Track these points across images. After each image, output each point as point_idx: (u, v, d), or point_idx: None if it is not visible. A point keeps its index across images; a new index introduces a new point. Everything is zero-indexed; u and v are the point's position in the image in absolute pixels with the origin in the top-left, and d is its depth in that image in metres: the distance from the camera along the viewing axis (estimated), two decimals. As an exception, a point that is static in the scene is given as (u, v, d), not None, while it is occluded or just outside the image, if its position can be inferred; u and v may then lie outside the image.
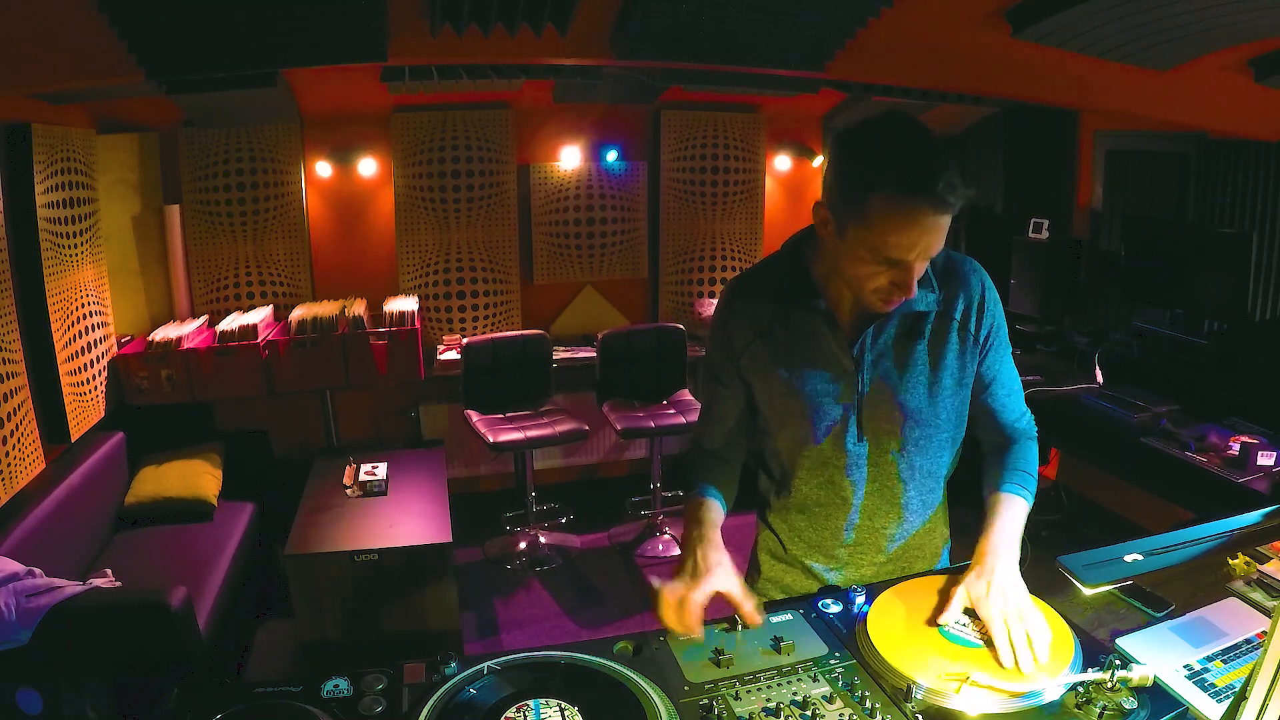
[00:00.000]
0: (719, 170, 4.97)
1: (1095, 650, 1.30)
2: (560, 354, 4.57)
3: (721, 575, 1.41)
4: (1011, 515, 1.44)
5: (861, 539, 1.61)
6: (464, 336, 4.57)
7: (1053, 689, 1.20)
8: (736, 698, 1.22)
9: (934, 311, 1.47)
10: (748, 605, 1.39)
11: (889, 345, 1.47)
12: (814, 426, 1.52)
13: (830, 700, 1.21)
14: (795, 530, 1.64)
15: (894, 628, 1.35)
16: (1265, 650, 0.96)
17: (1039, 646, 1.24)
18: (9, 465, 2.88)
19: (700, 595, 1.38)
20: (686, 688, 1.25)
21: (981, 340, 1.50)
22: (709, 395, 1.65)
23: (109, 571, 2.97)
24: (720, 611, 1.42)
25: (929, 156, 1.22)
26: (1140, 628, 1.49)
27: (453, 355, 4.41)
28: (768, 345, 1.51)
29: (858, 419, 1.51)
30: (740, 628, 1.38)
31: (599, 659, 1.31)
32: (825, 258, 1.45)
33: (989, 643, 1.28)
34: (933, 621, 1.35)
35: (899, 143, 1.25)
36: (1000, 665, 1.24)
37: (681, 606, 1.37)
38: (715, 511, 1.55)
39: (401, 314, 4.19)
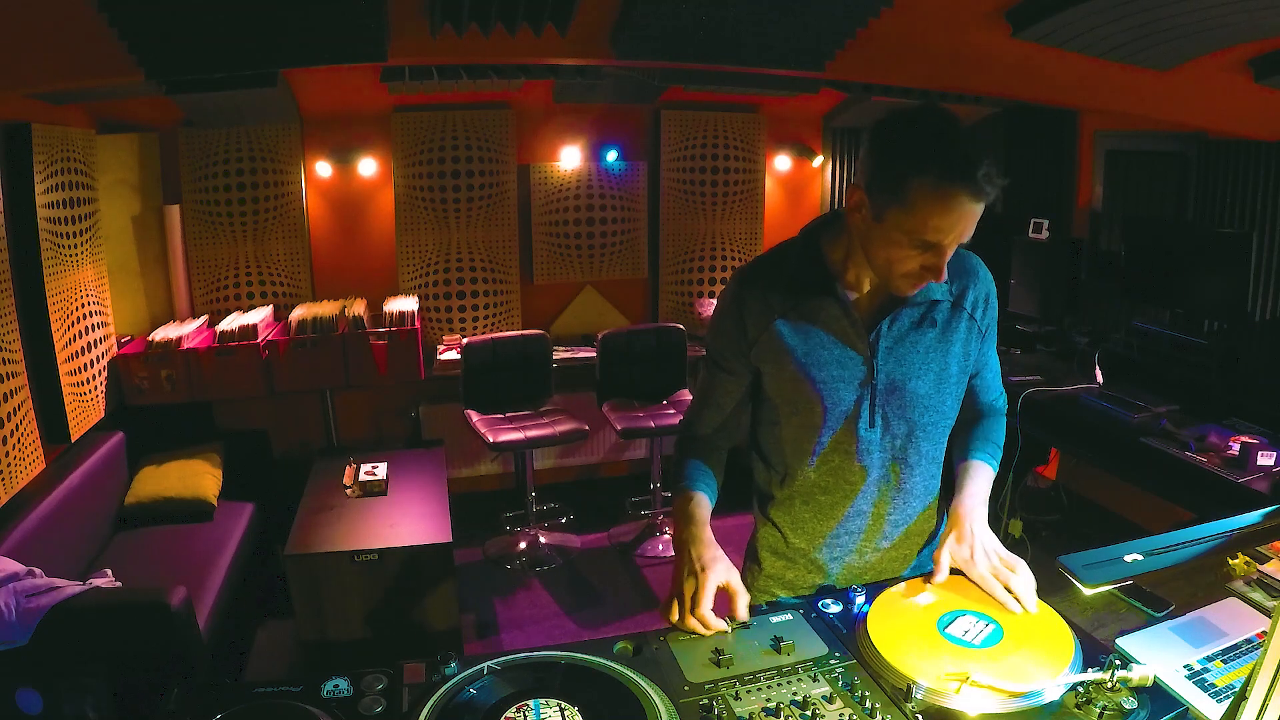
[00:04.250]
0: (719, 170, 4.97)
1: (1095, 650, 1.30)
2: (560, 354, 4.57)
3: (720, 569, 1.44)
4: (982, 481, 1.56)
5: (865, 525, 1.62)
6: (464, 336, 4.56)
7: (1053, 689, 1.20)
8: (736, 698, 1.22)
9: (947, 301, 1.53)
10: (742, 600, 1.43)
11: (904, 332, 1.51)
12: (827, 412, 1.53)
13: (830, 700, 1.21)
14: (798, 521, 1.65)
15: (894, 628, 1.35)
16: (1265, 650, 0.96)
17: (1031, 588, 1.37)
18: (9, 465, 2.88)
19: (708, 594, 1.41)
20: (686, 688, 1.25)
21: (984, 331, 1.58)
22: (709, 381, 1.66)
23: (109, 571, 2.97)
24: (720, 610, 1.42)
25: (970, 147, 1.29)
26: (1140, 628, 1.50)
27: (453, 355, 4.41)
28: (782, 331, 1.52)
29: (871, 404, 1.53)
30: (736, 628, 1.39)
31: (599, 659, 1.31)
32: (849, 243, 1.48)
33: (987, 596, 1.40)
34: (928, 587, 1.45)
35: (943, 132, 1.31)
36: (998, 620, 1.25)
37: (695, 608, 1.40)
38: (705, 507, 1.57)
39: (401, 314, 4.19)
